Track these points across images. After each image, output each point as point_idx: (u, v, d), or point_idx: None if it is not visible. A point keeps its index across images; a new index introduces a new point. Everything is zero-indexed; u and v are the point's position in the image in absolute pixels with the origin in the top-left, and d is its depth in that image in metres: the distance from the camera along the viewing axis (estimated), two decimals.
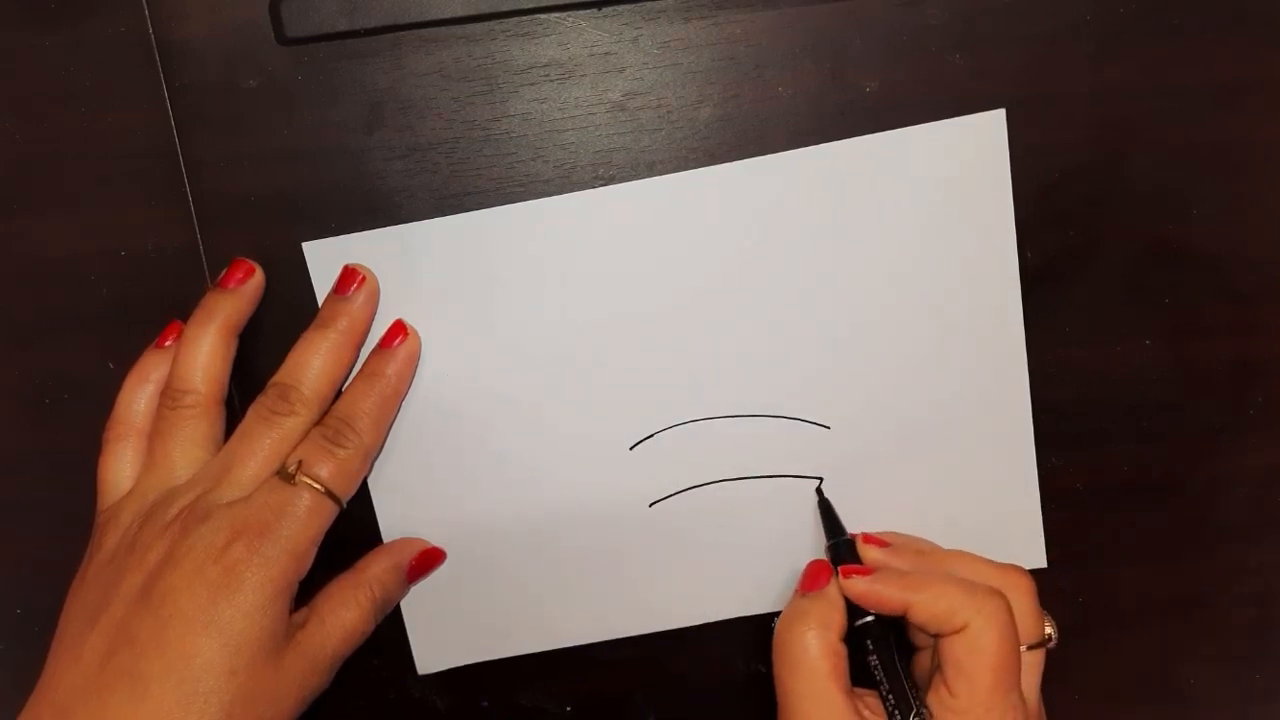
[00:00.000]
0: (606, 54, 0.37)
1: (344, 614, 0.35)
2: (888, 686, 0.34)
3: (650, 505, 0.39)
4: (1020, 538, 0.40)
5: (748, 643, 0.40)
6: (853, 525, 0.39)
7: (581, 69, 0.37)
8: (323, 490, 0.34)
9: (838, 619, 0.34)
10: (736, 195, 0.37)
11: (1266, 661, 0.42)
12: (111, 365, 0.38)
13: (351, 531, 0.37)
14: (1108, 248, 0.39)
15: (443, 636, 0.39)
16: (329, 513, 0.34)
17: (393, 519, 0.39)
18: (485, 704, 0.40)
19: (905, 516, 0.39)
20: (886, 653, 0.35)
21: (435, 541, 0.38)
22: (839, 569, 0.36)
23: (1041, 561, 0.40)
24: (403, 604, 0.39)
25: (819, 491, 0.39)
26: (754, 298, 0.38)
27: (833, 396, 0.38)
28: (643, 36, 0.37)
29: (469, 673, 0.40)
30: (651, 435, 0.38)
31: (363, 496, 0.38)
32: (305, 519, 0.33)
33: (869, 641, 0.35)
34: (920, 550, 0.37)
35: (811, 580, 0.36)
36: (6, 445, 0.38)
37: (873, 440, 0.39)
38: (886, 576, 0.35)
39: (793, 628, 0.34)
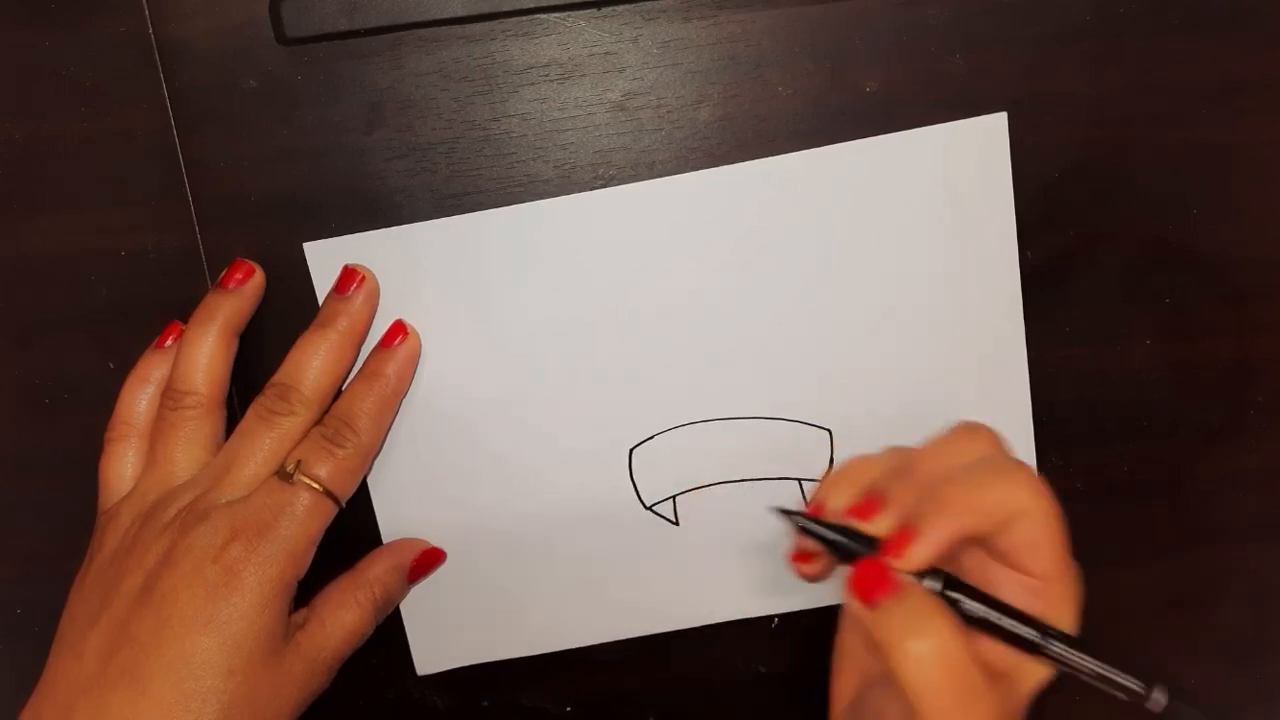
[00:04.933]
0: (606, 54, 0.37)
1: (344, 615, 0.35)
2: (1008, 623, 0.30)
3: (649, 507, 0.39)
4: None
5: (748, 643, 0.40)
6: None
7: (581, 69, 0.37)
8: (322, 490, 0.34)
9: (941, 612, 0.28)
10: (737, 198, 0.37)
11: (1266, 661, 0.42)
12: (111, 365, 0.38)
13: (352, 532, 0.37)
14: (1108, 248, 0.39)
15: (442, 637, 0.39)
16: (328, 512, 0.34)
17: (393, 520, 0.39)
18: (485, 704, 0.40)
19: None
20: (983, 597, 0.30)
21: (435, 542, 0.38)
22: (888, 555, 0.29)
23: None
24: (402, 605, 0.39)
25: (796, 507, 0.34)
26: (753, 300, 0.38)
27: (833, 399, 0.38)
28: (643, 36, 0.37)
29: (469, 673, 0.40)
30: (651, 437, 0.38)
31: (363, 497, 0.38)
32: (304, 519, 0.33)
33: (957, 595, 0.30)
34: (895, 471, 0.31)
35: (875, 587, 0.29)
36: (6, 445, 0.38)
37: (873, 442, 0.39)
38: (931, 523, 0.29)
39: (912, 643, 0.28)
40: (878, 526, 0.30)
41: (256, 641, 0.32)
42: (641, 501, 0.39)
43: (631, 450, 0.38)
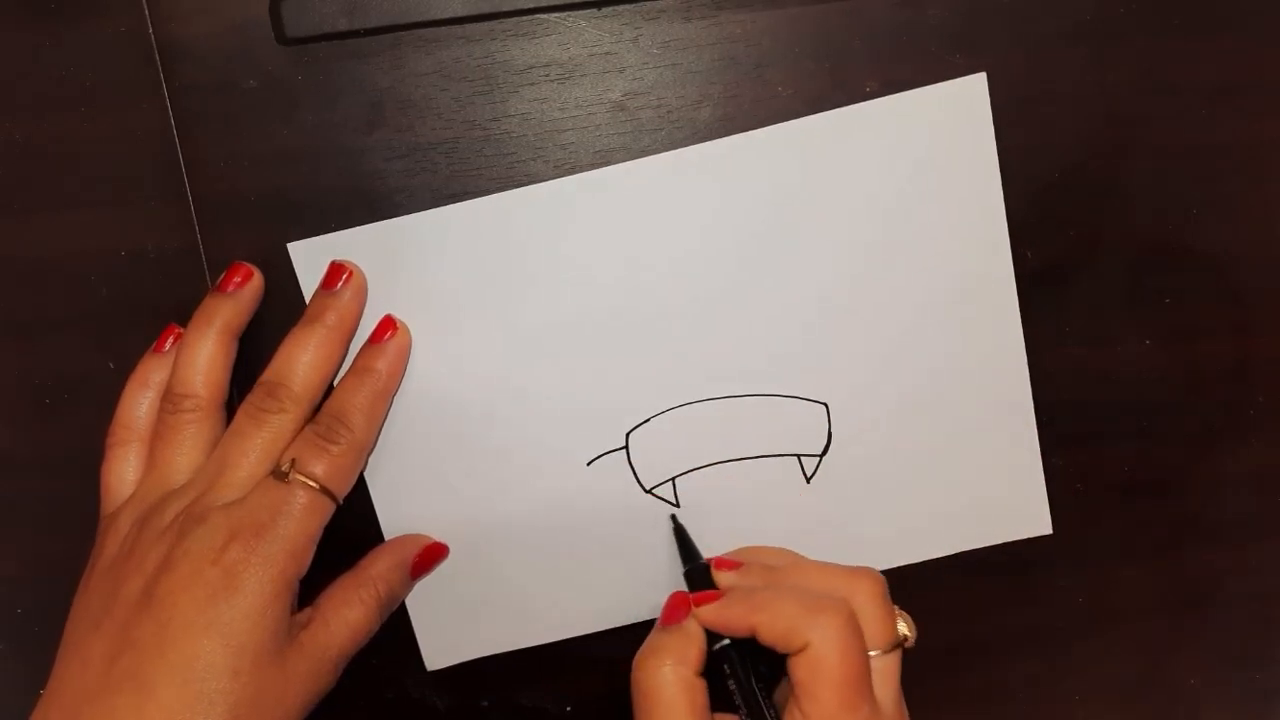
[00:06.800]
0: (606, 54, 0.37)
1: (348, 613, 0.35)
2: (745, 711, 0.34)
3: (649, 490, 0.39)
4: (1024, 502, 0.40)
5: None
6: (852, 501, 0.39)
7: (581, 69, 0.37)
8: (318, 488, 0.34)
9: (694, 652, 0.33)
10: (724, 173, 0.37)
11: (1266, 661, 0.42)
12: (111, 365, 0.38)
13: (353, 531, 0.37)
14: (1108, 248, 0.39)
15: (449, 632, 0.39)
16: (325, 510, 0.34)
17: (393, 516, 0.39)
18: (485, 704, 0.40)
19: (908, 488, 0.39)
20: (741, 677, 0.34)
21: (437, 536, 0.39)
22: (693, 598, 0.35)
23: (1047, 528, 0.40)
24: (408, 601, 0.39)
25: (673, 519, 0.39)
26: (744, 276, 0.38)
27: (829, 373, 0.38)
28: (643, 36, 0.37)
29: (469, 672, 0.40)
30: (648, 419, 0.38)
31: (363, 495, 0.38)
32: (302, 517, 0.33)
33: (725, 666, 0.34)
34: (773, 566, 0.36)
35: (671, 613, 0.35)
36: (6, 445, 0.38)
37: (871, 414, 0.39)
38: (733, 599, 0.34)
39: (648, 664, 0.33)
40: (720, 579, 0.36)
41: (260, 642, 0.32)
42: (641, 485, 0.39)
43: (629, 433, 0.38)
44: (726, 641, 0.34)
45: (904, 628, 0.34)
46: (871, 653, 0.33)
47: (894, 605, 0.34)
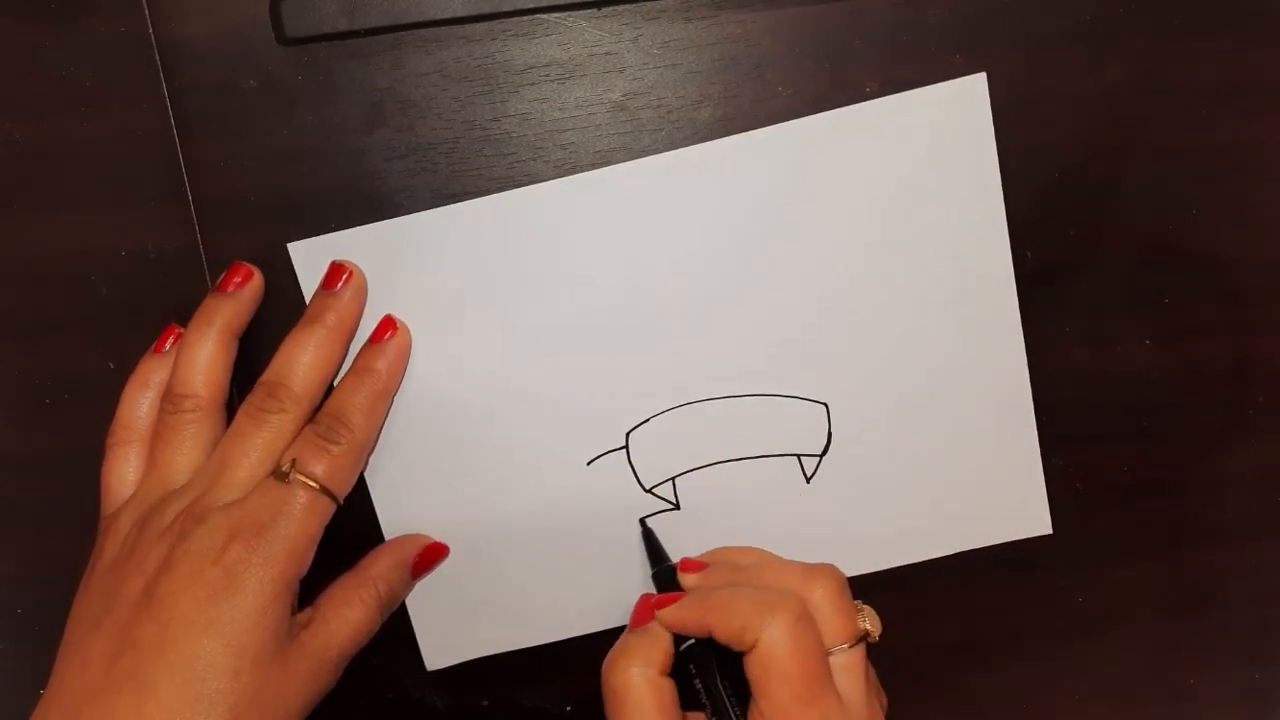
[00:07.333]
0: (606, 54, 0.37)
1: (348, 612, 0.35)
2: (710, 709, 0.34)
3: (649, 490, 0.39)
4: (1024, 502, 0.40)
5: None
6: (852, 501, 0.39)
7: (581, 69, 0.37)
8: (318, 488, 0.34)
9: (660, 653, 0.34)
10: (724, 173, 0.37)
11: (1266, 661, 0.42)
12: (111, 365, 0.38)
13: (354, 531, 0.37)
14: (1108, 248, 0.39)
15: (449, 632, 0.39)
16: (326, 510, 0.34)
17: (394, 516, 0.39)
18: (485, 704, 0.40)
19: (908, 488, 0.39)
20: (707, 676, 0.34)
21: (437, 536, 0.39)
22: (655, 600, 0.35)
23: (1047, 528, 0.40)
24: (408, 601, 0.39)
25: (642, 522, 0.39)
26: (745, 276, 0.38)
27: (829, 373, 0.38)
28: (643, 36, 0.37)
29: (469, 672, 0.40)
30: (648, 419, 0.38)
31: (363, 495, 0.38)
32: (302, 517, 0.33)
33: (691, 666, 0.34)
34: (738, 566, 0.36)
35: (638, 616, 0.35)
36: (6, 445, 0.38)
37: (871, 414, 0.39)
38: (690, 601, 0.34)
39: (616, 666, 0.33)
40: (684, 580, 0.36)
41: (261, 642, 0.32)
42: (641, 484, 0.39)
43: (629, 433, 0.38)
44: (692, 641, 0.34)
45: (866, 623, 0.34)
46: (832, 648, 0.33)
47: (856, 601, 0.34)
